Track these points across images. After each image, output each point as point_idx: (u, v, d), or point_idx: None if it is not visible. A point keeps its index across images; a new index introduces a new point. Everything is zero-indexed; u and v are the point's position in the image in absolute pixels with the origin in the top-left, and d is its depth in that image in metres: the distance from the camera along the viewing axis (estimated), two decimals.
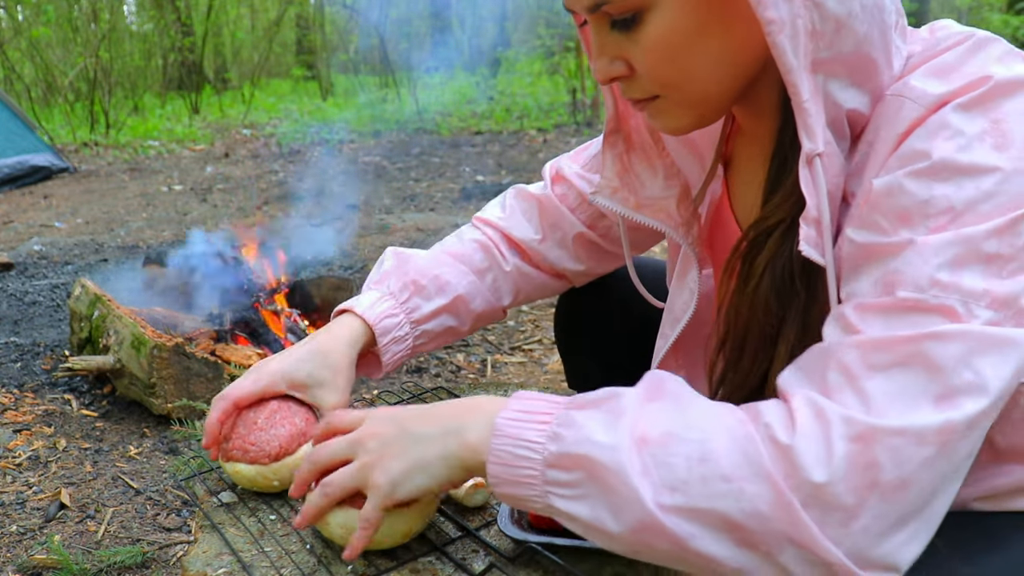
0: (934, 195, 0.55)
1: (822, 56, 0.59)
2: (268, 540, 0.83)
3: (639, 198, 0.82)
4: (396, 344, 0.94)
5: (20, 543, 1.31)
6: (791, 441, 0.53)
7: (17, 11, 9.81)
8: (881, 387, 0.53)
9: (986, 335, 0.52)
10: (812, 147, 0.59)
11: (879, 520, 0.52)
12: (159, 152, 6.71)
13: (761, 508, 0.53)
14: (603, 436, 0.58)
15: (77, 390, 1.93)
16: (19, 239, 3.77)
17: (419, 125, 7.35)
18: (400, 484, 0.67)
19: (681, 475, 0.55)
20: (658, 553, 0.57)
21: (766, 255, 0.67)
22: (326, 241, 3.39)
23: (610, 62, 0.66)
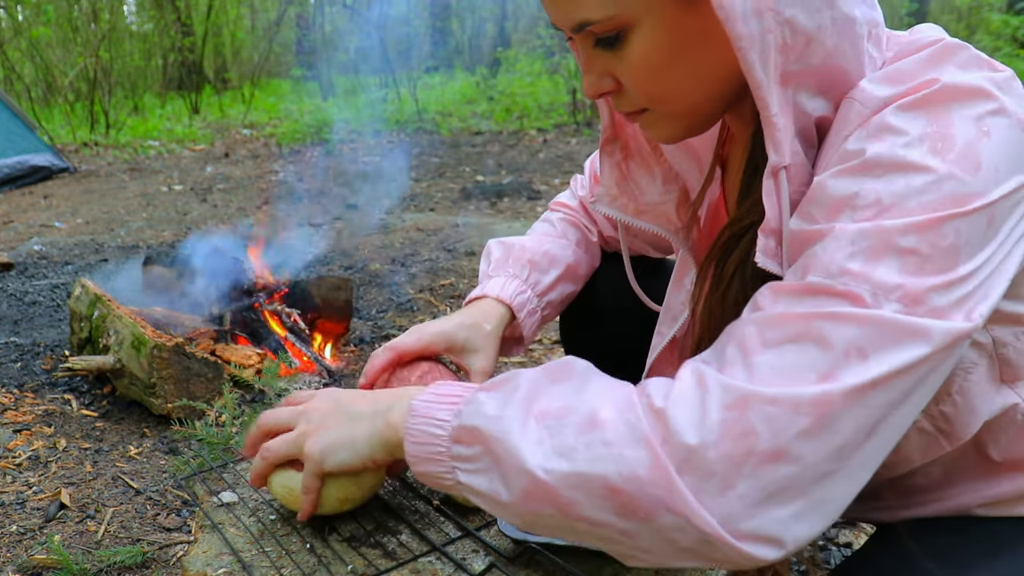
0: (863, 188, 0.56)
1: (792, 69, 0.60)
2: (268, 540, 0.83)
3: (638, 204, 0.84)
4: (530, 316, 1.00)
5: (20, 543, 1.31)
6: (665, 405, 0.55)
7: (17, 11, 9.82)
8: (769, 361, 0.54)
9: (883, 320, 0.52)
10: (778, 160, 0.60)
11: (755, 490, 0.52)
12: (159, 152, 6.71)
13: (639, 472, 0.54)
14: (494, 409, 0.61)
15: (77, 390, 1.93)
16: (19, 239, 3.77)
17: (419, 125, 7.35)
18: (328, 456, 0.75)
19: (569, 442, 0.57)
20: (548, 520, 0.59)
21: (736, 259, 0.68)
22: (326, 241, 3.39)
23: (598, 78, 0.68)
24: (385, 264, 3.07)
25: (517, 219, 3.82)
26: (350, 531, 0.84)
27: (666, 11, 0.61)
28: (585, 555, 0.77)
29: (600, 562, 0.77)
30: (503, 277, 1.01)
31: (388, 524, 0.85)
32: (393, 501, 0.89)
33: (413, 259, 3.13)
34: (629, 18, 0.62)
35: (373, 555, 0.79)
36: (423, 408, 0.66)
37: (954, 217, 0.53)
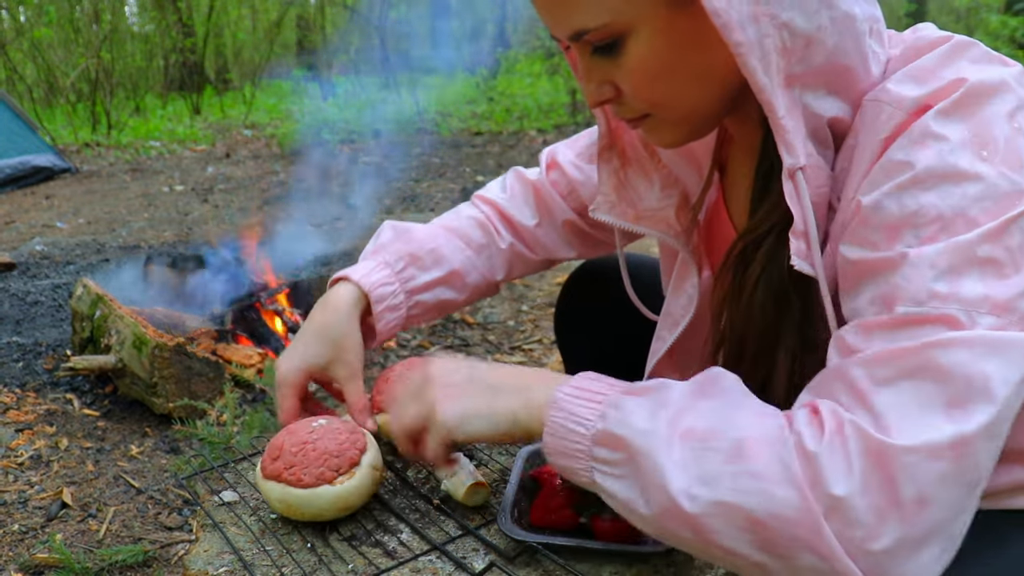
0: (921, 205, 0.55)
1: (795, 71, 0.60)
2: (269, 539, 0.84)
3: (638, 210, 0.84)
4: (391, 312, 0.95)
5: (22, 542, 1.32)
6: (817, 450, 0.54)
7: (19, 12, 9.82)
8: (890, 401, 0.53)
9: (989, 339, 0.52)
10: (793, 161, 0.60)
11: (900, 542, 0.51)
12: (160, 153, 6.71)
13: (786, 512, 0.53)
14: (643, 422, 0.60)
15: (79, 390, 1.94)
16: (21, 239, 3.78)
17: (419, 126, 7.35)
18: (464, 424, 0.70)
19: (715, 469, 0.56)
20: (682, 540, 0.59)
21: (758, 265, 0.68)
22: (326, 241, 3.40)
23: (598, 86, 0.68)
24: None
25: None
26: (350, 530, 0.84)
27: (662, 16, 0.61)
28: (585, 555, 0.77)
29: (600, 561, 0.77)
30: (374, 262, 0.96)
31: (388, 523, 0.85)
32: (393, 501, 0.89)
33: None
34: (625, 24, 0.62)
35: (373, 554, 0.80)
36: (566, 402, 0.65)
37: (1017, 218, 0.54)
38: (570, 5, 0.63)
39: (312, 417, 0.90)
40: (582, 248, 1.07)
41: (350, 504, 0.83)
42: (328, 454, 0.82)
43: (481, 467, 0.96)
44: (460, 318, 2.48)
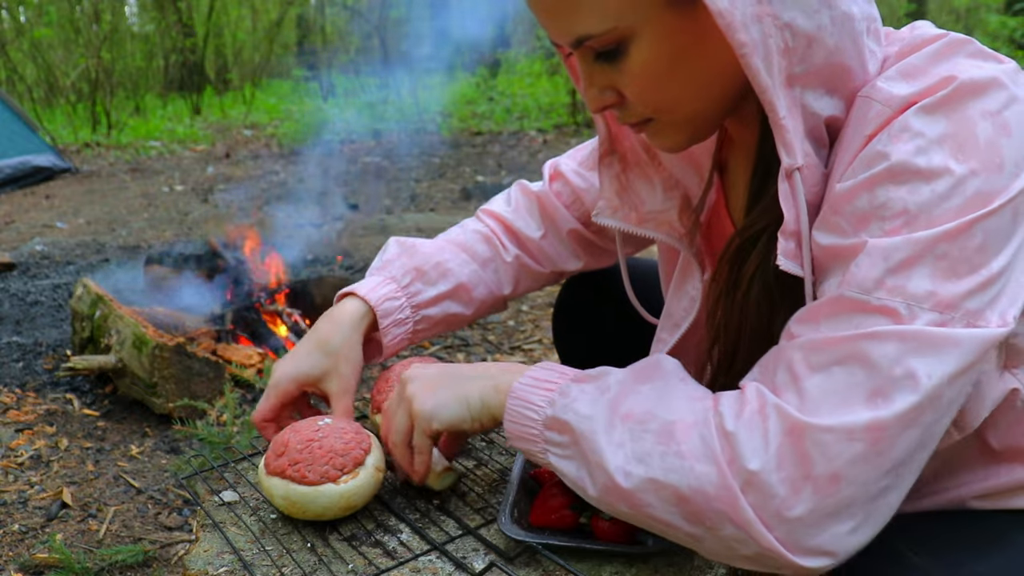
0: (890, 198, 0.56)
1: (796, 71, 0.60)
2: (269, 539, 0.84)
3: (640, 213, 0.84)
4: (397, 327, 0.95)
5: (22, 542, 1.32)
6: (735, 428, 0.58)
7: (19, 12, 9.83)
8: (818, 385, 0.56)
9: (923, 334, 0.54)
10: (791, 162, 0.61)
11: (814, 512, 0.55)
12: (160, 153, 6.71)
13: (706, 487, 0.57)
14: (585, 408, 0.65)
15: (79, 390, 1.94)
16: (21, 239, 3.78)
17: (419, 125, 7.35)
18: (438, 412, 0.75)
19: (647, 448, 0.61)
20: (624, 514, 0.64)
21: (753, 263, 0.69)
22: (326, 241, 3.40)
23: (600, 92, 0.68)
24: None
25: None
26: (350, 530, 0.84)
27: (664, 19, 0.61)
28: (585, 555, 0.77)
29: (600, 561, 0.77)
30: (380, 278, 0.96)
31: (388, 523, 0.85)
32: (393, 501, 0.89)
33: None
34: (628, 29, 0.62)
35: (373, 554, 0.80)
36: (521, 391, 0.70)
37: (981, 218, 0.54)
38: (572, 12, 0.62)
39: (318, 416, 0.90)
40: (588, 258, 1.07)
41: (353, 504, 0.83)
42: (334, 453, 0.82)
43: (481, 467, 0.96)
44: None
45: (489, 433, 1.03)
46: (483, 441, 1.02)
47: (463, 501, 0.88)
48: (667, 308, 0.90)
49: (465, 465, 0.96)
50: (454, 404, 0.75)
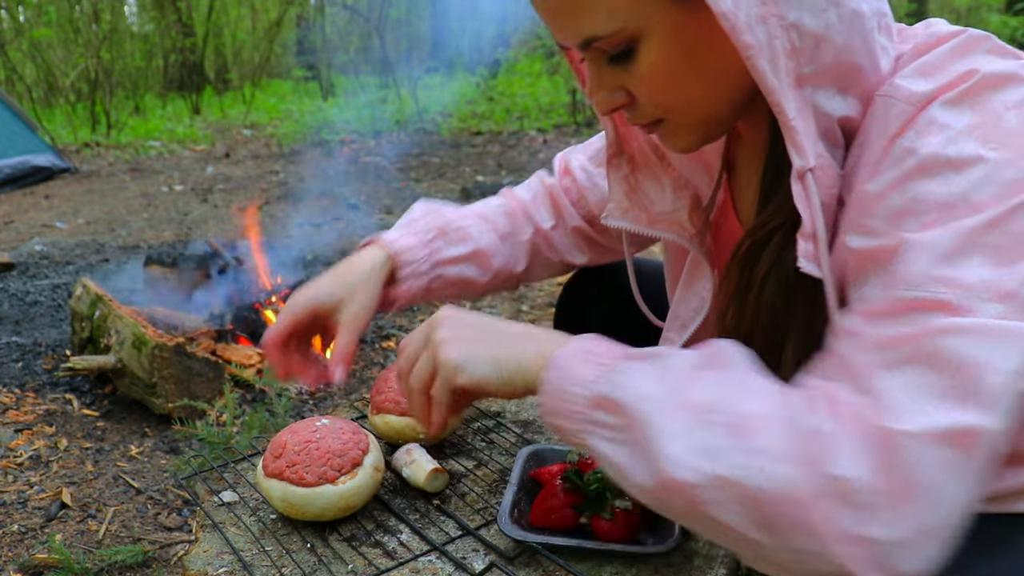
0: (923, 191, 0.55)
1: (805, 71, 0.60)
2: (269, 539, 0.83)
3: (651, 214, 0.83)
4: (414, 278, 0.95)
5: (22, 542, 1.32)
6: (820, 430, 0.53)
7: (19, 12, 9.82)
8: (890, 386, 0.52)
9: (994, 328, 0.51)
10: (802, 163, 0.60)
11: (901, 529, 0.50)
12: (160, 152, 6.71)
13: (784, 490, 0.52)
14: (646, 389, 0.58)
15: (78, 390, 1.93)
16: (20, 239, 3.77)
17: (419, 125, 7.35)
18: (468, 366, 0.66)
19: (715, 441, 0.55)
20: (674, 510, 0.59)
21: (766, 263, 0.68)
22: (326, 241, 3.40)
23: (610, 94, 0.67)
24: None
25: None
26: (350, 531, 0.84)
27: (672, 20, 0.61)
28: (586, 555, 0.77)
29: (600, 561, 0.77)
30: (403, 231, 0.97)
31: (388, 524, 0.85)
32: (393, 501, 0.89)
33: None
34: (636, 30, 0.61)
35: (373, 554, 0.80)
36: (565, 360, 0.63)
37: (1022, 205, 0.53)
38: (579, 13, 0.62)
39: (316, 417, 0.90)
40: (592, 254, 1.07)
41: (352, 504, 0.83)
42: (331, 453, 0.82)
43: (481, 467, 0.96)
44: None
45: (489, 433, 1.03)
46: (483, 441, 1.02)
47: (463, 501, 0.88)
48: (674, 309, 0.89)
49: (465, 465, 0.96)
50: (486, 361, 0.66)
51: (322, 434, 0.84)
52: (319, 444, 0.83)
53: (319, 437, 0.84)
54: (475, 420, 1.07)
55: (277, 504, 0.83)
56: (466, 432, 1.04)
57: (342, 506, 0.82)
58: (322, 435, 0.84)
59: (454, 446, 1.00)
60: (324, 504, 0.81)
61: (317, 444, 0.83)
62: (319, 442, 0.83)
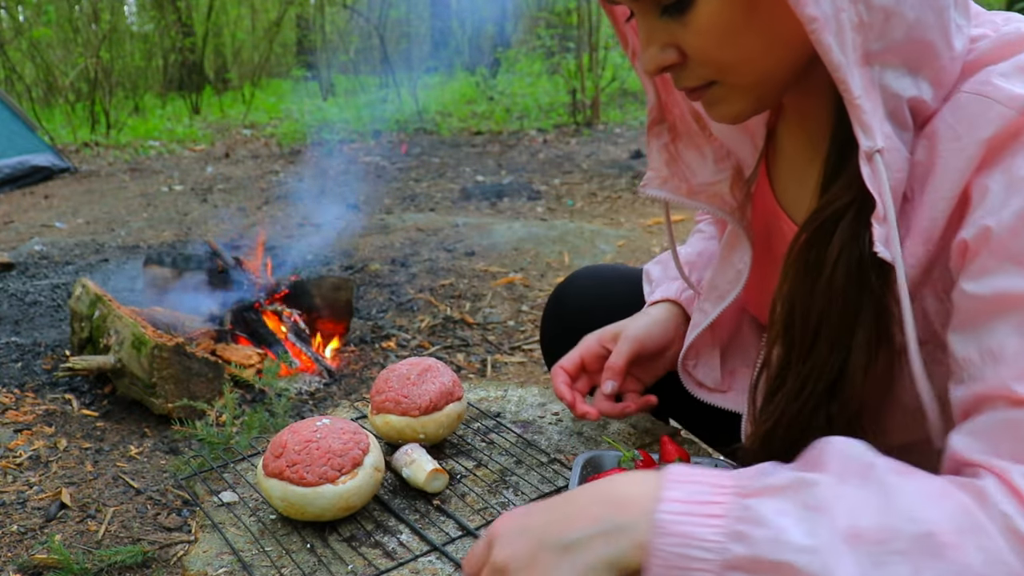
0: None
1: (873, 48, 0.56)
2: (268, 539, 0.83)
3: (691, 185, 0.81)
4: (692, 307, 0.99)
5: (21, 542, 1.31)
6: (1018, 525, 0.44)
7: (18, 11, 9.82)
8: None
9: None
10: (870, 144, 0.57)
11: None
12: (160, 152, 6.71)
13: None
14: (803, 538, 0.47)
15: (78, 390, 1.93)
16: (20, 239, 3.77)
17: (419, 125, 7.35)
18: None
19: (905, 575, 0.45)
20: None
21: (836, 245, 0.64)
22: (326, 241, 3.39)
23: (660, 50, 0.64)
24: (385, 264, 3.07)
25: (517, 219, 3.82)
26: (350, 531, 0.84)
27: None
28: None
29: None
30: (663, 285, 1.01)
31: (388, 524, 0.85)
32: (393, 501, 0.89)
33: (413, 259, 3.13)
34: None
35: (373, 555, 0.80)
36: (676, 525, 0.50)
37: None
38: None
39: (316, 417, 0.90)
40: None
41: (352, 504, 0.83)
42: (332, 453, 0.82)
43: (481, 467, 0.95)
44: (460, 318, 2.48)
45: (489, 433, 1.03)
46: (483, 441, 1.01)
47: (463, 502, 0.88)
48: (711, 280, 0.88)
49: (465, 465, 0.96)
50: None
51: (323, 434, 0.84)
52: (320, 444, 0.83)
53: (320, 437, 0.84)
54: (475, 420, 1.07)
55: (277, 504, 0.83)
56: (466, 432, 1.04)
57: (342, 506, 0.82)
58: (323, 435, 0.84)
59: (454, 446, 1.00)
60: (324, 504, 0.81)
61: (318, 444, 0.83)
62: (320, 442, 0.83)
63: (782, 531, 0.47)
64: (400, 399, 0.94)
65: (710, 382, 0.95)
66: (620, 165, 5.13)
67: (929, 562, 0.44)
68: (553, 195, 4.44)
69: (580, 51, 7.22)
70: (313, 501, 0.81)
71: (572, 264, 2.99)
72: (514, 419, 1.08)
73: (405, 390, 0.94)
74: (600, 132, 6.50)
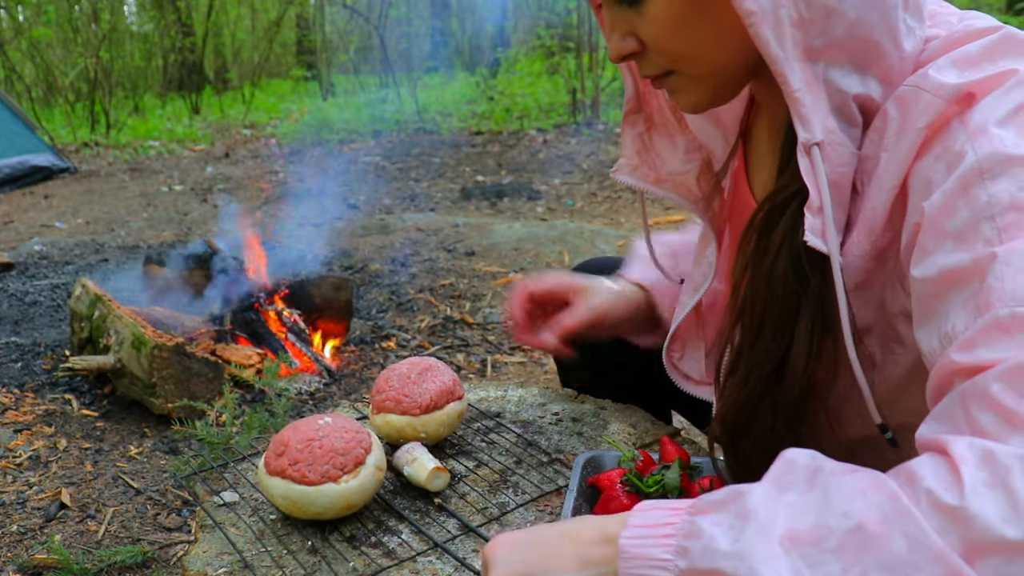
0: (992, 194, 0.52)
1: (815, 44, 0.59)
2: (269, 539, 0.83)
3: (659, 174, 0.84)
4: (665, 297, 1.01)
5: (21, 543, 1.31)
6: (961, 502, 0.44)
7: (18, 11, 9.82)
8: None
9: None
10: (808, 136, 0.59)
11: None
12: (159, 152, 6.71)
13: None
14: (729, 545, 0.49)
15: (77, 390, 1.93)
16: (20, 239, 3.77)
17: (419, 125, 7.35)
18: None
19: (837, 572, 0.46)
20: None
21: (781, 231, 0.67)
22: (326, 241, 3.39)
23: (621, 39, 0.67)
24: (385, 264, 3.07)
25: (517, 219, 3.82)
26: (351, 530, 0.84)
27: None
28: None
29: None
30: (639, 267, 1.02)
31: (388, 523, 0.85)
32: (393, 501, 0.89)
33: (413, 259, 3.13)
34: None
35: (374, 554, 0.80)
36: (635, 548, 0.54)
37: None
38: None
39: (318, 415, 0.90)
40: None
41: (353, 503, 0.83)
42: (334, 452, 0.82)
43: (482, 467, 0.95)
44: (460, 318, 2.48)
45: (489, 433, 1.03)
46: (483, 441, 1.01)
47: (464, 501, 0.88)
48: (690, 275, 0.92)
49: (466, 465, 0.96)
50: None
51: (325, 432, 0.84)
52: (322, 443, 0.83)
53: (322, 435, 0.83)
54: (475, 420, 1.07)
55: (279, 502, 0.83)
56: (466, 432, 1.04)
57: (344, 505, 0.82)
58: (325, 433, 0.84)
59: (454, 446, 1.00)
60: (326, 503, 0.81)
61: (320, 442, 0.83)
62: (322, 440, 0.83)
63: (712, 540, 0.50)
64: (401, 398, 0.94)
65: (695, 374, 0.96)
66: None
67: (857, 556, 0.45)
68: (553, 195, 4.44)
69: (580, 51, 7.21)
70: (315, 500, 0.81)
71: (572, 264, 3.00)
72: (514, 419, 1.08)
73: (406, 389, 0.94)
74: (600, 132, 6.50)
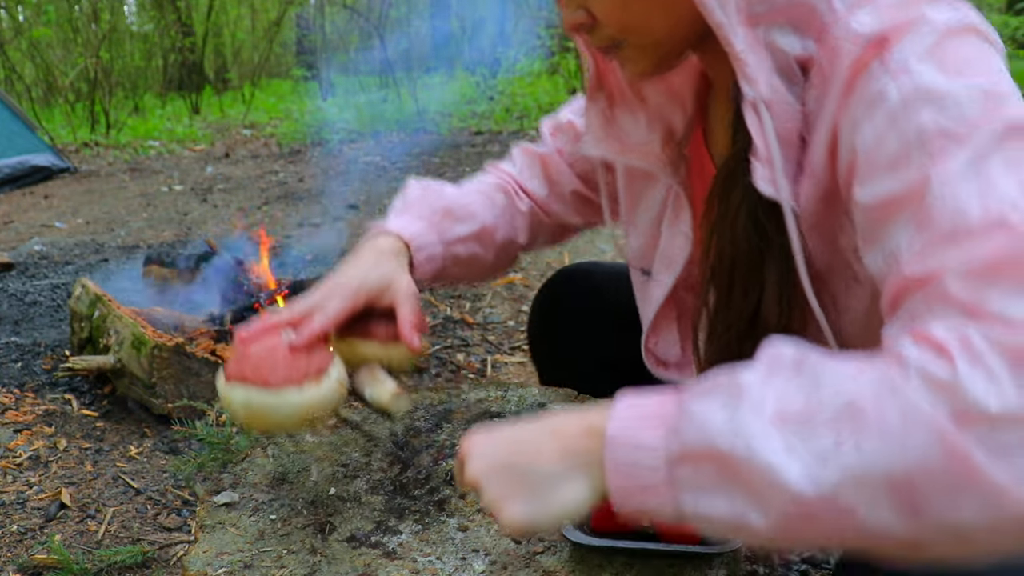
0: (919, 124, 0.55)
1: (757, 10, 0.63)
2: (269, 539, 0.83)
3: (624, 144, 0.87)
4: (429, 263, 0.94)
5: (21, 543, 1.31)
6: (951, 376, 0.46)
7: (18, 11, 9.82)
8: (1007, 302, 0.47)
9: None
10: (754, 94, 0.64)
11: None
12: (159, 152, 6.71)
13: (929, 460, 0.45)
14: (723, 424, 0.50)
15: (77, 390, 1.93)
16: (20, 239, 3.77)
17: (419, 125, 7.35)
18: (534, 527, 0.60)
19: (827, 445, 0.47)
20: (813, 538, 0.51)
21: (740, 190, 0.70)
22: (326, 241, 3.39)
23: (573, 11, 0.71)
24: None
25: None
26: (350, 531, 0.84)
27: None
28: (586, 551, 0.77)
29: (600, 561, 0.77)
30: (409, 216, 0.95)
31: (389, 523, 0.85)
32: (394, 500, 0.89)
33: None
34: None
35: (374, 554, 0.80)
36: (621, 435, 0.54)
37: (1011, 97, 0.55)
38: None
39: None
40: (587, 216, 1.08)
41: (315, 414, 0.80)
42: (297, 356, 0.80)
43: None
44: (460, 318, 2.48)
45: None
46: None
47: (463, 501, 0.88)
48: (661, 249, 0.91)
49: None
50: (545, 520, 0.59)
51: (287, 340, 0.82)
52: (285, 349, 0.80)
53: (285, 344, 0.81)
54: (475, 420, 1.07)
55: (238, 412, 0.79)
56: (466, 432, 1.04)
57: (303, 415, 0.79)
58: (288, 341, 0.82)
59: (455, 446, 1.00)
60: (287, 411, 0.78)
61: (283, 350, 0.80)
62: (285, 348, 0.81)
63: (706, 420, 0.52)
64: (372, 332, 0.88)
65: (672, 357, 0.96)
66: None
67: (850, 427, 0.48)
68: None
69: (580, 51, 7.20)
70: (277, 408, 0.78)
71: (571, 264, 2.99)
72: (514, 419, 1.08)
73: None
74: None
